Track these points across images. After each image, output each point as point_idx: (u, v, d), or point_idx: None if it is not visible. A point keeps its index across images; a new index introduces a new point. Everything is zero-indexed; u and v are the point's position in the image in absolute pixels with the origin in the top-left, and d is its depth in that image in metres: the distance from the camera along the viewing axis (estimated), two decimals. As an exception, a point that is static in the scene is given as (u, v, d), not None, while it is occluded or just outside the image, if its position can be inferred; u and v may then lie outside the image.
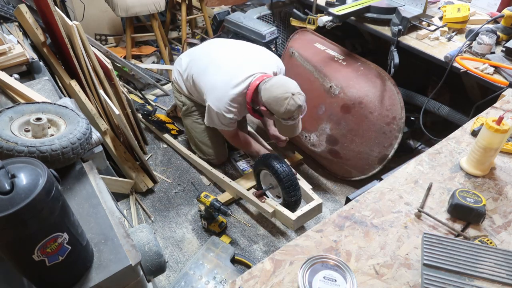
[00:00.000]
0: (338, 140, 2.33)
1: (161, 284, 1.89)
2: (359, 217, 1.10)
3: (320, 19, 2.18)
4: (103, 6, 3.56)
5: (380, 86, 2.22)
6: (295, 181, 2.02)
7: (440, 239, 0.99)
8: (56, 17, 1.97)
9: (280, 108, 1.87)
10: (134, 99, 2.98)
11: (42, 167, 0.80)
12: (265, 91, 1.93)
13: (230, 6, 3.67)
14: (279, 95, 1.87)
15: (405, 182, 1.21)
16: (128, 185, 2.22)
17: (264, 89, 1.94)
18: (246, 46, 2.31)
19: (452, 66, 1.93)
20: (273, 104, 1.89)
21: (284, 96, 1.86)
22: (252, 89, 2.01)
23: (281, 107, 1.87)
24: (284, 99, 1.86)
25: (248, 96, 2.03)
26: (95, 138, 1.40)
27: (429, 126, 2.66)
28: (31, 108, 1.26)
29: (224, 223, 2.16)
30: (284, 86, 1.90)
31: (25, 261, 0.81)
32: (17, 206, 0.72)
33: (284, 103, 1.86)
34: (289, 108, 1.86)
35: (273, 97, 1.88)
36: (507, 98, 1.63)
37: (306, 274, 0.90)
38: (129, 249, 1.00)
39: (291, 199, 2.03)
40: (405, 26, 2.17)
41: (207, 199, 2.04)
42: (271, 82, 1.94)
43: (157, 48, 3.64)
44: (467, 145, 1.36)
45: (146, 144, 2.71)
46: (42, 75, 1.86)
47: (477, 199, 1.07)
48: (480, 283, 0.91)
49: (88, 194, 1.15)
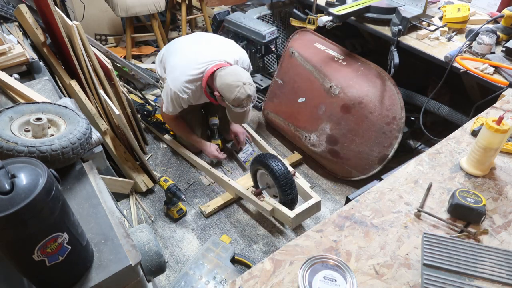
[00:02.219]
0: (338, 140, 2.33)
1: (161, 284, 1.89)
2: (359, 217, 1.10)
3: (320, 19, 2.18)
4: (103, 6, 3.56)
5: (380, 86, 2.22)
6: (291, 179, 2.03)
7: (440, 239, 0.99)
8: (56, 17, 1.97)
9: (230, 95, 2.03)
10: (134, 99, 2.98)
11: (42, 167, 0.80)
12: (219, 77, 2.07)
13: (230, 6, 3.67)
14: (231, 82, 2.02)
15: (405, 182, 1.21)
16: (128, 185, 2.22)
17: (219, 76, 2.08)
18: (215, 38, 2.48)
19: (452, 66, 1.93)
20: (225, 90, 2.04)
21: (235, 84, 2.01)
22: (208, 75, 2.14)
23: (232, 94, 2.02)
24: (236, 87, 2.01)
25: (204, 81, 2.17)
26: (95, 138, 1.40)
27: (429, 126, 2.66)
28: (31, 108, 1.26)
29: (183, 210, 2.23)
30: (237, 75, 2.05)
31: (25, 261, 0.81)
32: (17, 206, 0.72)
33: (235, 90, 2.01)
34: (238, 96, 2.02)
35: (226, 84, 2.03)
36: (507, 98, 1.63)
37: (306, 274, 0.90)
38: (129, 249, 1.00)
39: (287, 198, 2.03)
40: (405, 26, 2.17)
41: (165, 183, 2.11)
42: (226, 70, 2.09)
43: (157, 48, 3.64)
44: (467, 145, 1.36)
45: (146, 144, 2.71)
46: (42, 75, 1.86)
47: (477, 199, 1.07)
48: (480, 283, 0.91)
49: (88, 194, 1.15)
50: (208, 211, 2.22)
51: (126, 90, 2.81)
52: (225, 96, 2.06)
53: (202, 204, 2.30)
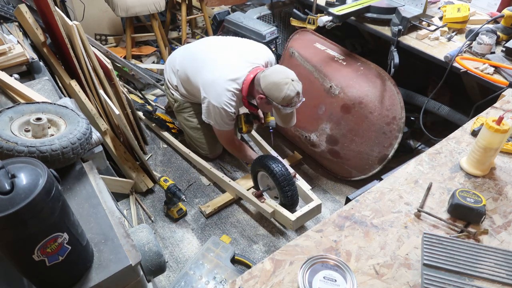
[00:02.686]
0: (338, 140, 2.33)
1: (161, 284, 1.89)
2: (359, 217, 1.10)
3: (320, 19, 2.17)
4: (103, 6, 3.56)
5: (380, 86, 2.22)
6: (292, 181, 2.03)
7: (440, 239, 0.99)
8: (56, 17, 1.97)
9: (280, 93, 1.91)
10: (134, 99, 2.98)
11: (42, 167, 0.80)
12: (264, 78, 1.97)
13: (230, 6, 3.67)
14: (279, 80, 1.92)
15: (405, 182, 1.21)
16: (128, 185, 2.22)
17: (264, 76, 1.98)
18: (236, 42, 2.38)
19: (452, 66, 1.93)
20: (273, 89, 1.93)
21: (284, 82, 1.91)
22: (248, 82, 2.06)
23: (281, 92, 1.91)
24: (284, 84, 1.91)
25: (244, 89, 2.08)
26: (95, 138, 1.40)
27: (429, 126, 2.66)
28: (31, 108, 1.26)
29: (183, 210, 2.21)
30: (284, 72, 1.96)
31: (25, 261, 0.81)
32: (17, 206, 0.72)
33: (284, 88, 1.90)
34: (288, 93, 1.91)
35: (273, 83, 1.93)
36: (507, 98, 1.63)
37: (306, 274, 0.90)
38: (129, 249, 1.00)
39: (288, 200, 2.03)
40: (405, 26, 2.17)
41: (165, 183, 2.10)
42: (271, 69, 2.00)
43: (157, 48, 3.64)
44: (467, 145, 1.36)
45: (146, 144, 2.71)
46: (42, 75, 1.86)
47: (477, 199, 1.07)
48: (480, 283, 0.91)
49: (88, 194, 1.15)
50: (208, 211, 2.21)
51: (126, 90, 2.81)
52: (273, 96, 1.93)
53: (202, 204, 2.30)
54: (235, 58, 2.17)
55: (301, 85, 1.99)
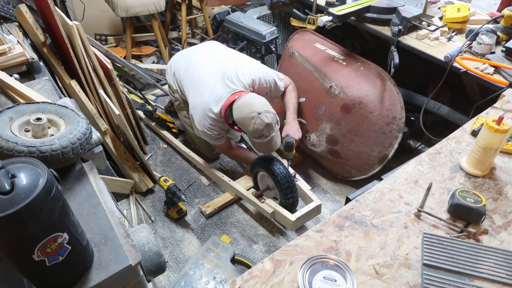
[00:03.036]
0: (338, 140, 2.33)
1: (161, 284, 1.89)
2: (359, 217, 1.10)
3: (320, 19, 2.17)
4: (103, 6, 3.56)
5: (380, 86, 2.22)
6: (292, 182, 2.03)
7: (440, 239, 0.99)
8: (56, 17, 1.97)
9: (248, 127, 1.94)
10: (134, 99, 2.98)
11: (42, 167, 0.80)
12: (235, 111, 1.99)
13: (230, 6, 3.67)
14: (245, 115, 1.93)
15: (405, 182, 1.21)
16: (128, 185, 2.22)
17: (234, 109, 2.00)
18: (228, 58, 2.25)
19: (452, 66, 1.93)
20: (242, 123, 1.96)
21: (250, 116, 1.91)
22: (224, 109, 2.05)
23: (249, 126, 1.92)
24: (251, 118, 1.91)
25: (223, 113, 2.07)
26: (95, 138, 1.40)
27: (429, 126, 2.66)
28: (31, 108, 1.26)
29: (183, 210, 2.22)
30: (250, 106, 1.93)
31: (25, 261, 0.81)
32: (17, 206, 0.72)
33: (251, 122, 1.91)
34: (256, 127, 1.91)
35: (241, 118, 1.95)
36: (507, 98, 1.63)
37: (306, 274, 0.90)
38: (129, 249, 1.00)
39: (288, 201, 2.03)
40: (405, 26, 2.17)
41: (165, 183, 2.10)
42: (239, 102, 1.99)
43: (157, 48, 3.64)
44: (467, 145, 1.36)
45: (146, 144, 2.71)
46: (42, 75, 1.86)
47: (477, 199, 1.07)
48: (480, 283, 0.91)
49: (88, 194, 1.15)
50: (208, 211, 2.21)
51: (126, 90, 2.81)
52: (244, 129, 1.99)
53: (202, 204, 2.30)
54: (219, 82, 2.11)
55: (273, 115, 1.95)
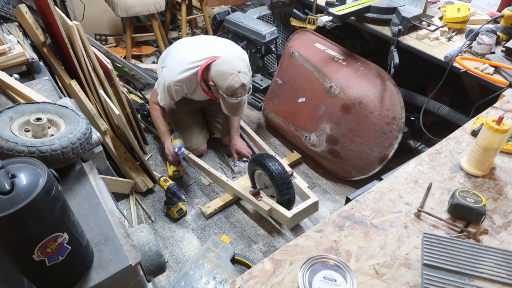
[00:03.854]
0: (338, 140, 2.33)
1: (161, 284, 1.89)
2: (359, 217, 1.10)
3: (320, 19, 2.18)
4: (103, 6, 3.56)
5: (380, 86, 2.22)
6: (288, 179, 2.03)
7: (440, 239, 0.99)
8: (56, 17, 1.97)
9: (224, 83, 1.99)
10: (134, 99, 2.98)
11: (42, 167, 0.80)
12: (214, 66, 2.05)
13: (230, 6, 3.67)
14: (225, 70, 1.99)
15: (405, 182, 1.21)
16: (128, 185, 2.22)
17: (214, 64, 2.06)
18: (217, 39, 2.45)
19: (452, 66, 1.93)
20: (219, 78, 2.00)
21: (229, 72, 1.98)
22: (204, 66, 2.12)
23: (225, 81, 1.98)
24: (229, 74, 1.97)
25: (199, 72, 2.13)
26: (95, 138, 1.40)
27: (429, 126, 2.66)
28: (31, 108, 1.26)
29: (183, 210, 2.22)
30: (232, 63, 2.02)
31: (25, 261, 0.81)
32: (17, 206, 0.72)
33: (229, 78, 1.97)
34: (232, 84, 1.97)
35: (220, 72, 2.00)
36: (507, 98, 1.63)
37: (306, 274, 0.90)
38: (129, 249, 1.00)
39: (284, 198, 2.03)
40: (405, 26, 2.17)
41: (165, 183, 2.10)
42: (221, 59, 2.08)
43: (157, 48, 3.64)
44: (467, 145, 1.36)
45: (146, 144, 2.71)
46: (42, 75, 1.86)
47: (477, 199, 1.07)
48: (480, 283, 0.91)
49: (88, 194, 1.15)
50: (209, 212, 2.22)
51: (126, 90, 2.81)
52: (218, 84, 2.02)
53: (202, 204, 2.30)
54: (203, 47, 2.24)
55: (249, 78, 2.05)
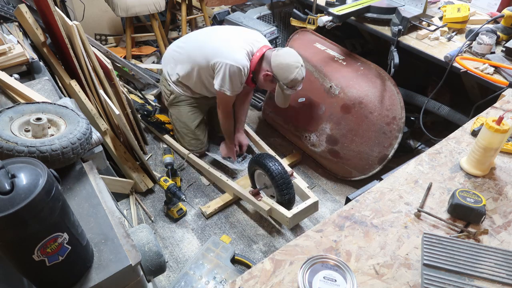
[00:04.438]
0: (338, 140, 2.33)
1: (161, 284, 1.89)
2: (359, 217, 1.10)
3: (320, 19, 2.18)
4: (103, 6, 3.56)
5: (380, 86, 2.22)
6: (288, 179, 2.03)
7: (440, 239, 0.99)
8: (56, 17, 1.97)
9: (289, 75, 2.02)
10: (134, 99, 2.98)
11: (42, 167, 0.80)
12: (277, 56, 2.06)
13: (230, 6, 3.67)
14: (291, 62, 2.03)
15: (405, 182, 1.21)
16: (128, 185, 2.22)
17: (276, 55, 2.07)
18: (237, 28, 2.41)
19: (452, 66, 1.93)
20: (284, 70, 2.03)
21: (295, 65, 2.02)
22: (258, 56, 2.12)
23: (291, 74, 2.02)
24: (295, 67, 2.02)
25: (253, 62, 2.13)
26: (95, 138, 1.40)
27: (429, 126, 2.66)
28: (31, 108, 1.26)
29: (183, 210, 2.22)
30: (296, 56, 2.07)
31: (25, 261, 0.81)
32: (17, 206, 0.72)
33: (295, 71, 2.02)
34: (296, 77, 2.03)
35: (285, 64, 2.03)
36: (507, 98, 1.63)
37: (306, 274, 0.90)
38: (129, 249, 1.00)
39: (284, 198, 2.04)
40: (405, 26, 2.17)
41: (165, 183, 2.10)
42: (284, 50, 2.09)
43: (157, 48, 3.64)
44: (467, 145, 1.36)
45: (146, 144, 2.71)
46: (42, 75, 1.86)
47: (477, 199, 1.07)
48: (480, 283, 0.91)
49: (88, 194, 1.15)
50: (209, 212, 2.22)
51: (126, 90, 2.81)
52: (282, 76, 2.04)
53: (202, 204, 2.30)
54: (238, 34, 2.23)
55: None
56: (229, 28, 2.37)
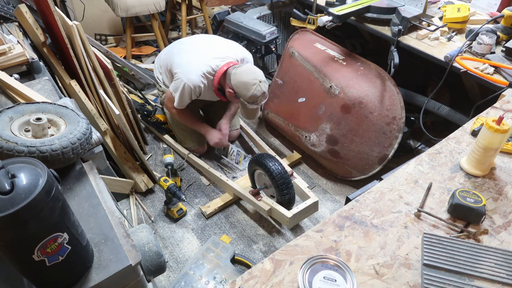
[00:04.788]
0: (338, 140, 2.33)
1: (161, 284, 1.89)
2: (359, 217, 1.10)
3: (320, 19, 2.17)
4: (103, 6, 3.56)
5: (380, 86, 2.22)
6: (288, 179, 2.03)
7: (440, 239, 0.99)
8: (56, 17, 1.97)
9: (247, 92, 2.09)
10: (134, 99, 2.98)
11: (42, 167, 0.80)
12: (235, 75, 2.13)
13: (230, 6, 3.67)
14: (248, 80, 2.08)
15: (405, 182, 1.21)
16: (128, 185, 2.22)
17: (234, 73, 2.13)
18: (218, 38, 2.56)
19: (452, 66, 1.93)
20: (242, 88, 2.10)
21: (252, 82, 2.08)
22: (220, 73, 2.21)
23: (249, 91, 2.08)
24: (252, 84, 2.08)
25: (216, 79, 2.23)
26: (95, 138, 1.40)
27: (429, 126, 2.66)
28: (31, 108, 1.26)
29: (183, 210, 2.23)
30: (254, 73, 2.12)
31: (25, 261, 0.81)
32: (17, 206, 0.72)
33: (252, 88, 2.07)
34: (255, 93, 2.09)
35: (242, 82, 2.09)
36: (507, 98, 1.63)
37: (306, 274, 0.90)
38: (129, 249, 1.00)
39: (284, 198, 2.04)
40: (405, 26, 2.17)
41: (165, 183, 2.11)
42: (242, 68, 2.15)
43: (157, 48, 3.64)
44: (467, 145, 1.36)
45: (146, 144, 2.71)
46: (42, 75, 1.86)
47: (477, 199, 1.07)
48: (480, 283, 0.91)
49: (88, 194, 1.15)
50: (209, 212, 2.21)
51: (126, 90, 2.81)
52: (241, 93, 2.12)
53: (202, 204, 2.30)
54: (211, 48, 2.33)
55: (267, 85, 2.17)
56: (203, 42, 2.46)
